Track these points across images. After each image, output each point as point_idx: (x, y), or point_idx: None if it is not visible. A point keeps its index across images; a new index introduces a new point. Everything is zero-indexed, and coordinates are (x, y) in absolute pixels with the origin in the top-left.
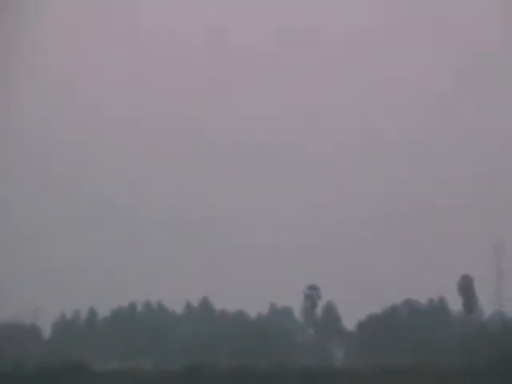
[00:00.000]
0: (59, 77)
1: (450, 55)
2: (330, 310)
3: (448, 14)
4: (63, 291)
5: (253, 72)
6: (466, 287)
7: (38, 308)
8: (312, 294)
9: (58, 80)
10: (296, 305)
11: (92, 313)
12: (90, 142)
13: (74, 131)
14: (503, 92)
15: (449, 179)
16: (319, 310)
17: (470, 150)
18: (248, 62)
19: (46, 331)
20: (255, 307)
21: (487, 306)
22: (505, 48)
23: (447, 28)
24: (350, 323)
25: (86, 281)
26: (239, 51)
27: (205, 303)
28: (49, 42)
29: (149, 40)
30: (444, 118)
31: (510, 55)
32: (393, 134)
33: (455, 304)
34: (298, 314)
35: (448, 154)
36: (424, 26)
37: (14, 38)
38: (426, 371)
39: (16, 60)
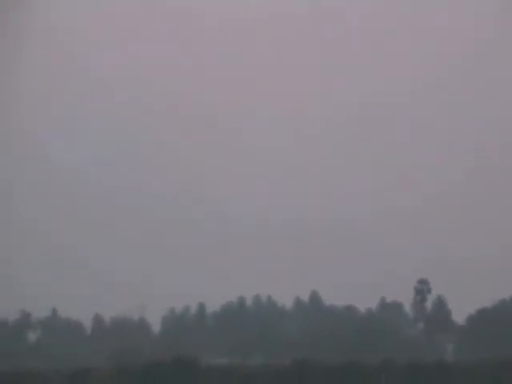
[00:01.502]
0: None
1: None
2: (440, 304)
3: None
4: (172, 286)
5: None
6: None
7: (145, 303)
8: (422, 289)
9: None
10: (406, 299)
11: (201, 308)
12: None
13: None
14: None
15: None
16: (429, 304)
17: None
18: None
19: (156, 326)
20: (364, 302)
21: None
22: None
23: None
24: (459, 317)
25: (195, 276)
26: None
27: (314, 298)
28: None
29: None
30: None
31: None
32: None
33: None
34: (407, 308)
35: None
36: None
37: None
38: None
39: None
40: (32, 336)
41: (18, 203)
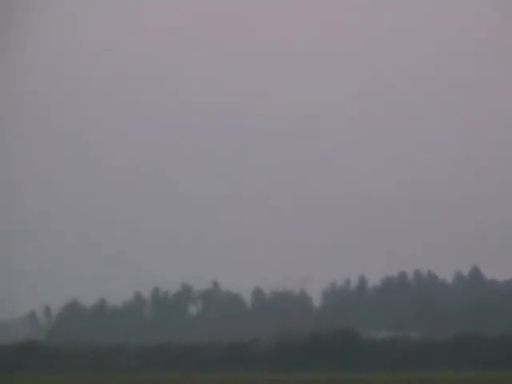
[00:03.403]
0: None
1: None
2: None
3: None
4: (333, 260)
5: None
6: None
7: (306, 276)
8: None
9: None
10: None
11: (362, 281)
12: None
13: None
14: None
15: None
16: None
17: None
18: None
19: (316, 300)
20: None
21: None
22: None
23: None
24: None
25: (356, 250)
26: None
27: (474, 273)
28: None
29: None
30: None
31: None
32: None
33: None
34: None
35: None
36: None
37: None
38: None
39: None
40: (193, 309)
41: None
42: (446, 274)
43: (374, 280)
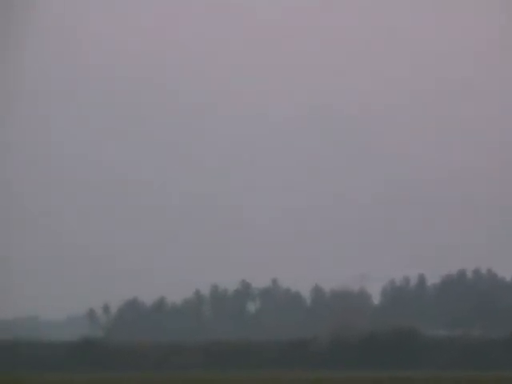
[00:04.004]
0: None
1: None
2: None
3: None
4: (391, 258)
5: None
6: None
7: (366, 274)
8: None
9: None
10: None
11: (421, 279)
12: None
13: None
14: None
15: None
16: None
17: None
18: None
19: (376, 297)
20: None
21: None
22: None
23: None
24: None
25: (415, 248)
26: None
27: None
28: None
29: None
30: None
31: None
32: None
33: None
34: None
35: None
36: None
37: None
38: None
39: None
40: (251, 306)
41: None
42: (506, 272)
43: (433, 278)
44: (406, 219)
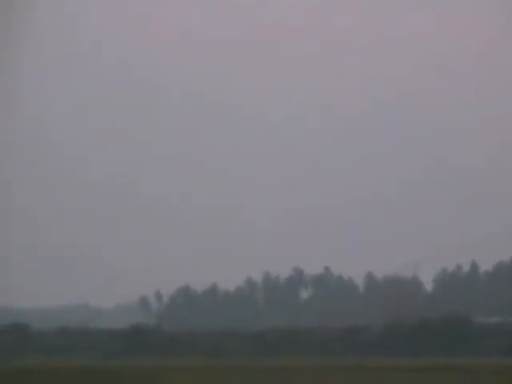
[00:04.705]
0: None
1: None
2: None
3: None
4: (444, 245)
5: None
6: None
7: (418, 261)
8: None
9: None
10: None
11: (474, 266)
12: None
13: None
14: None
15: None
16: None
17: None
18: None
19: (428, 284)
20: None
21: None
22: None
23: None
24: None
25: (467, 236)
26: None
27: None
28: None
29: None
30: None
31: None
32: None
33: None
34: None
35: None
36: None
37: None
38: None
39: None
40: (304, 293)
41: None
42: None
43: (485, 265)
44: (457, 207)
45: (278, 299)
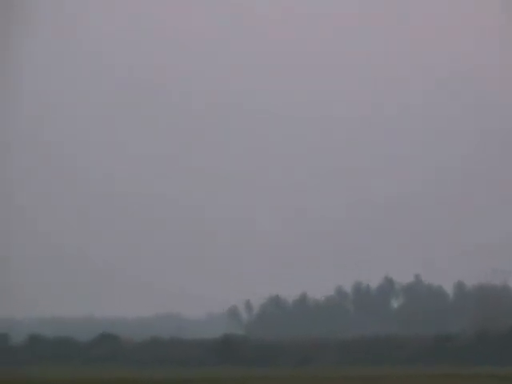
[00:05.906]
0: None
1: None
2: None
3: None
4: None
5: None
6: None
7: (510, 270)
8: None
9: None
10: None
11: None
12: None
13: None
14: None
15: None
16: None
17: None
18: None
19: None
20: None
21: None
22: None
23: None
24: None
25: None
26: None
27: None
28: None
29: None
30: None
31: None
32: None
33: None
34: None
35: None
36: None
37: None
38: None
39: None
40: (395, 302)
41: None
42: None
43: None
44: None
45: (368, 308)
